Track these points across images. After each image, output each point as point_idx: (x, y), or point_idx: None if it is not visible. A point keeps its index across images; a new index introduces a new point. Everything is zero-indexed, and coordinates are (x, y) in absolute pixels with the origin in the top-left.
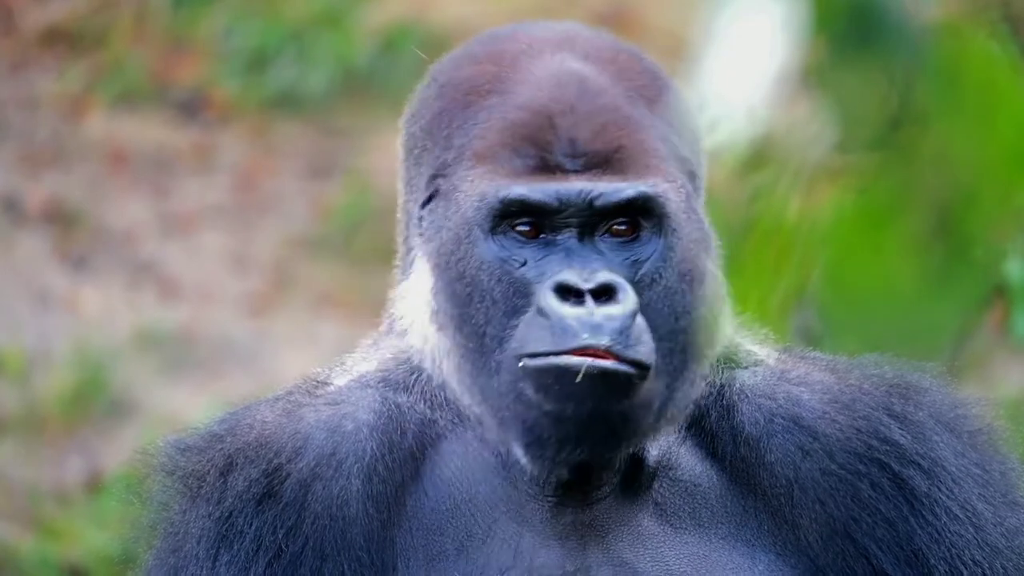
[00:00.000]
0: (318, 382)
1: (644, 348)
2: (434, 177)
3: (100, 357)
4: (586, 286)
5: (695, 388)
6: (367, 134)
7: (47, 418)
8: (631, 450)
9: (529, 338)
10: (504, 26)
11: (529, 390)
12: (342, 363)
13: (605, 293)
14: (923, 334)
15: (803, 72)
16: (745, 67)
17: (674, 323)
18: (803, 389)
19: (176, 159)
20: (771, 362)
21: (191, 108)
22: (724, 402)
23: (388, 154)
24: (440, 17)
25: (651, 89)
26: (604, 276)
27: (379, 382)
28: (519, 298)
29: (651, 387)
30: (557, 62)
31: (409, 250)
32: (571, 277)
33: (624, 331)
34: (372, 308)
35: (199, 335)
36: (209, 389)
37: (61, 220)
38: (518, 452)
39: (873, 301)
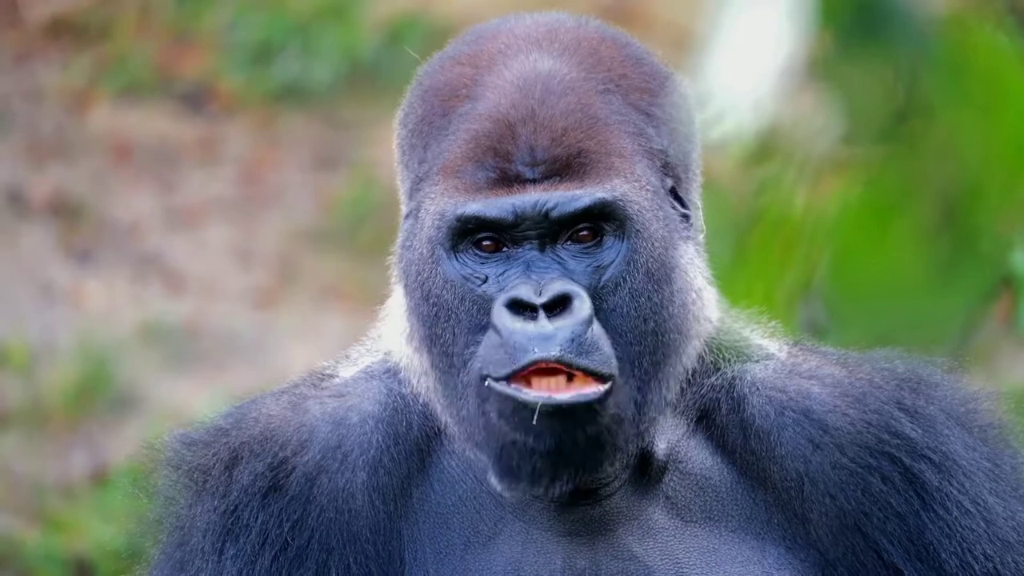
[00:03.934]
0: (323, 375)
1: (599, 356)
2: (412, 192)
3: (104, 350)
4: (539, 300)
5: (671, 388)
6: (372, 126)
7: (52, 411)
8: (616, 463)
9: (488, 358)
10: (492, 20)
11: (493, 413)
12: (347, 355)
13: (559, 304)
14: (930, 326)
15: (809, 64)
16: (751, 59)
17: (642, 325)
18: (814, 382)
19: (181, 152)
20: (781, 356)
21: (196, 101)
22: (734, 395)
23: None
24: (445, 9)
25: (631, 78)
26: (557, 287)
27: (384, 373)
28: (483, 315)
29: (620, 398)
30: (530, 62)
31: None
32: (523, 292)
33: (576, 339)
34: (377, 301)
35: (204, 328)
36: (214, 382)
37: (65, 213)
38: (492, 480)
39: (879, 293)
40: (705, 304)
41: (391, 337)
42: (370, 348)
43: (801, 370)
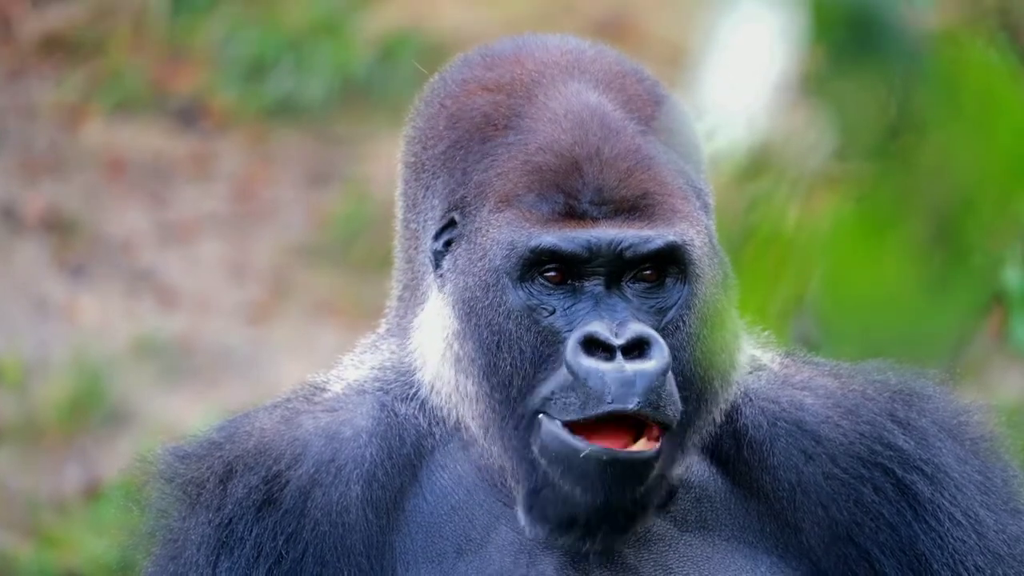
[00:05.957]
0: (316, 388)
1: (673, 407)
2: (450, 210)
3: (98, 365)
4: (617, 341)
5: (703, 437)
6: (365, 142)
7: (45, 426)
8: (642, 525)
9: (555, 395)
10: (502, 42)
11: (536, 449)
12: (339, 366)
13: (636, 348)
14: (922, 341)
15: (802, 80)
16: (744, 75)
17: (692, 371)
18: (807, 394)
19: (174, 167)
20: (774, 367)
21: (189, 116)
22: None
23: (386, 162)
24: (438, 25)
25: (658, 116)
26: (635, 329)
27: (377, 389)
28: (547, 347)
29: (664, 449)
30: (572, 94)
31: (417, 275)
32: (600, 330)
33: (655, 389)
34: (370, 316)
35: (197, 343)
36: (207, 397)
37: (59, 228)
38: (521, 516)
39: (872, 309)
40: (742, 351)
41: (425, 354)
42: (362, 361)
43: (794, 381)
